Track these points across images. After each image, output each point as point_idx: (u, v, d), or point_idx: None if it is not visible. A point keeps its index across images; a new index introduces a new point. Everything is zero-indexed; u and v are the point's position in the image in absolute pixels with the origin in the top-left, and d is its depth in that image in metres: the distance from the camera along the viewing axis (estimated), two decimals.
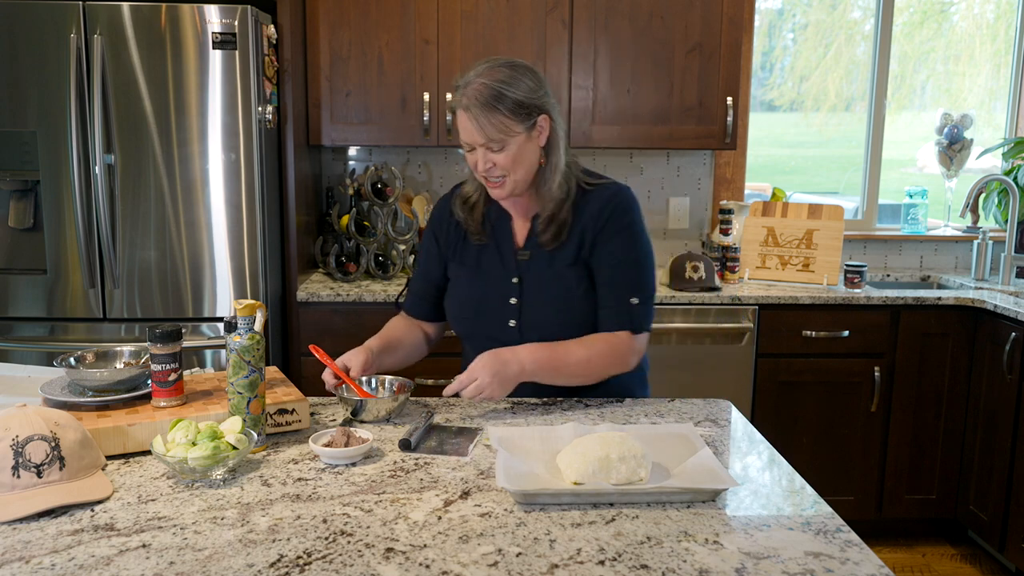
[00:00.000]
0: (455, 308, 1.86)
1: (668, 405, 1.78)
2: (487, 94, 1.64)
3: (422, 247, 1.94)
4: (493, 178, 1.71)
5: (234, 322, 1.47)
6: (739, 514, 1.27)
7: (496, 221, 1.83)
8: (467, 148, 1.71)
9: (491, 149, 1.67)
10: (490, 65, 1.68)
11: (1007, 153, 3.63)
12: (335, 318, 2.94)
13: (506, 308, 1.78)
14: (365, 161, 3.53)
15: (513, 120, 1.65)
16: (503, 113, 1.64)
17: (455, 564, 1.11)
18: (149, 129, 2.64)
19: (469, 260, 1.84)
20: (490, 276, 1.81)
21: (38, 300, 2.73)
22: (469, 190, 1.85)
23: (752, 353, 3.03)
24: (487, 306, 1.80)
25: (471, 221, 1.83)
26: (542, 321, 1.76)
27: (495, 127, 1.64)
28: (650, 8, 3.13)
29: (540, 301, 1.77)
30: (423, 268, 1.93)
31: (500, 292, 1.79)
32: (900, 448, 3.13)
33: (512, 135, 1.66)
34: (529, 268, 1.78)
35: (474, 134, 1.66)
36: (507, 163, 1.68)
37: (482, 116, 1.64)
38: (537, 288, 1.77)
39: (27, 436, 1.28)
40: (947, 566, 3.09)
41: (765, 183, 3.89)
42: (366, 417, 1.64)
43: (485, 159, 1.69)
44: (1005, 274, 3.38)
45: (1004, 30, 3.84)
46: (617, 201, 1.76)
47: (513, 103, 1.65)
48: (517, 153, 1.68)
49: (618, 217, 1.75)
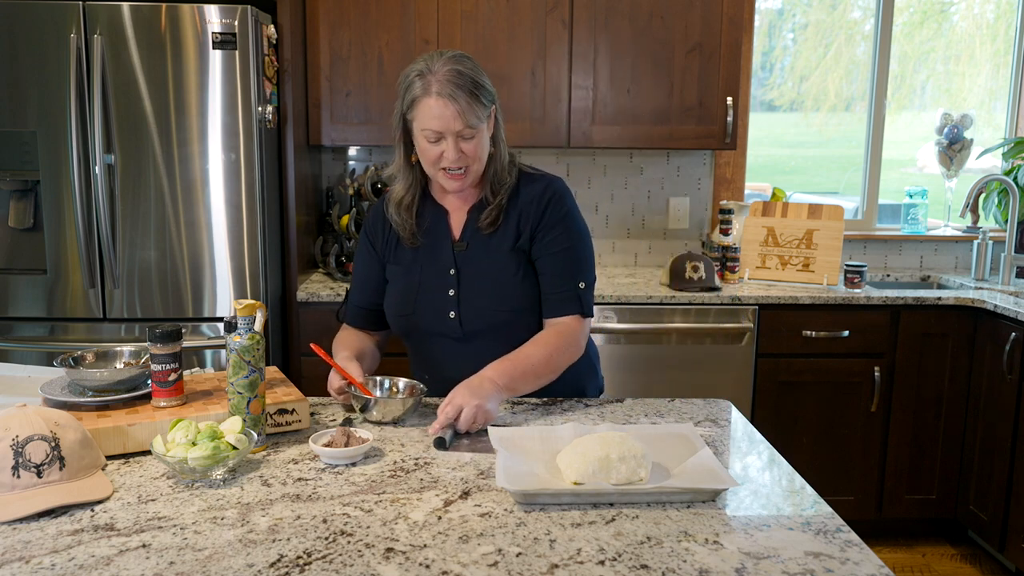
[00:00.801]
0: (394, 306, 1.83)
1: (668, 405, 1.78)
2: (467, 81, 1.65)
3: (357, 257, 1.92)
4: (455, 169, 1.70)
5: (234, 322, 1.47)
6: (739, 514, 1.27)
7: (431, 219, 1.82)
8: (432, 139, 1.67)
9: (463, 137, 1.66)
10: (451, 54, 1.69)
11: (1007, 153, 3.63)
12: (335, 318, 2.93)
13: (445, 300, 1.77)
14: (365, 161, 3.53)
15: (481, 107, 1.67)
16: (480, 100, 1.66)
17: (455, 564, 1.11)
18: (149, 129, 2.64)
19: (404, 259, 1.82)
20: (426, 271, 1.80)
21: (38, 300, 2.73)
22: (400, 190, 1.80)
23: (752, 353, 3.03)
24: (425, 300, 1.78)
25: (407, 223, 1.80)
26: (481, 308, 1.76)
27: (472, 112, 1.65)
28: (650, 8, 3.13)
29: (478, 289, 1.76)
30: (360, 278, 1.90)
31: (438, 285, 1.78)
32: (900, 448, 3.13)
33: (482, 122, 1.68)
34: (466, 258, 1.78)
35: (452, 121, 1.64)
36: (473, 151, 1.68)
37: (464, 102, 1.64)
38: (475, 276, 1.77)
39: (27, 436, 1.28)
40: (947, 566, 3.09)
41: (765, 183, 3.89)
42: (377, 417, 1.63)
43: (456, 148, 1.66)
44: (1005, 274, 3.38)
45: (1004, 30, 3.84)
46: (552, 192, 1.78)
47: (484, 91, 1.68)
48: (481, 142, 1.70)
49: (555, 207, 1.77)
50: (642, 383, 3.02)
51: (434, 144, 1.68)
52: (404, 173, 1.79)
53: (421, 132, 1.68)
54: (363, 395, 1.64)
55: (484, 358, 1.71)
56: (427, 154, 1.70)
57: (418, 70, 1.67)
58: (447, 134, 1.66)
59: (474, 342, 1.77)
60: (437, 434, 1.53)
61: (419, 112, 1.67)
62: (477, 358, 1.72)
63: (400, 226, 1.81)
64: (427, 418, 1.67)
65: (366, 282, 1.89)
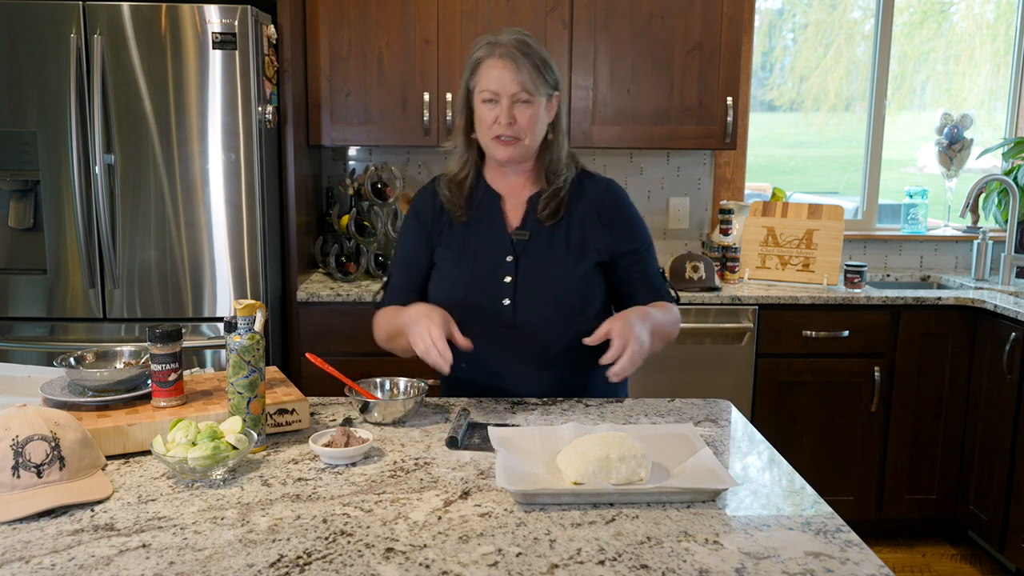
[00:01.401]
0: (444, 290, 1.81)
1: (668, 405, 1.78)
2: (530, 49, 1.70)
3: (402, 239, 1.90)
4: (507, 135, 1.71)
5: (234, 322, 1.47)
6: (739, 514, 1.27)
7: (483, 201, 1.82)
8: (488, 98, 1.70)
9: (519, 100, 1.69)
10: (520, 31, 1.75)
11: (1007, 153, 3.63)
12: (335, 318, 2.94)
13: (500, 287, 1.77)
14: (365, 161, 3.53)
15: (543, 81, 1.71)
16: (538, 68, 1.70)
17: (455, 564, 1.11)
18: (149, 129, 2.64)
19: (455, 243, 1.81)
20: (479, 256, 1.79)
21: (38, 300, 2.73)
22: (455, 167, 1.83)
23: (752, 353, 3.03)
24: (478, 285, 1.78)
25: (457, 198, 1.80)
26: (538, 299, 1.76)
27: (531, 78, 1.69)
28: (650, 8, 3.13)
29: (538, 280, 1.76)
30: (404, 259, 1.87)
31: (492, 271, 1.78)
32: (900, 448, 3.13)
33: (539, 94, 1.71)
34: (527, 248, 1.78)
35: (509, 83, 1.68)
36: (527, 122, 1.70)
37: (523, 65, 1.68)
38: (535, 268, 1.77)
39: (27, 436, 1.28)
40: (947, 566, 3.09)
41: (765, 183, 3.89)
42: (378, 419, 1.63)
43: (510, 112, 1.69)
44: (1005, 274, 3.38)
45: (1004, 30, 3.84)
46: (617, 191, 1.85)
47: (544, 63, 1.72)
48: (537, 115, 1.72)
49: (628, 205, 1.84)
50: (642, 383, 3.02)
51: (490, 106, 1.71)
52: (461, 150, 1.81)
53: (479, 95, 1.72)
54: (363, 397, 1.64)
55: (530, 347, 1.76)
56: (483, 119, 1.73)
57: (487, 39, 1.73)
58: (503, 95, 1.69)
59: (523, 331, 1.77)
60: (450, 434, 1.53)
61: (479, 75, 1.72)
62: (522, 347, 1.76)
63: (449, 200, 1.81)
64: (428, 417, 1.68)
65: (412, 263, 1.86)
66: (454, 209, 1.81)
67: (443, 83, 3.11)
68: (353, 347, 2.94)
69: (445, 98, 3.10)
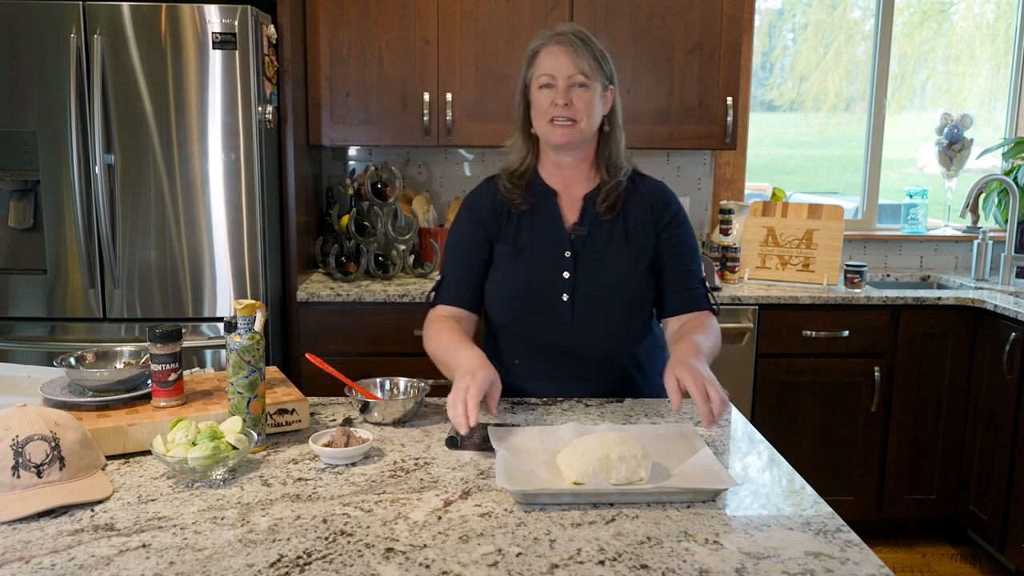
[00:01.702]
0: (505, 286, 1.80)
1: (668, 405, 1.78)
2: (588, 39, 1.74)
3: (456, 237, 1.86)
4: (562, 119, 1.72)
5: (234, 322, 1.47)
6: (739, 514, 1.27)
7: (540, 197, 1.82)
8: (545, 82, 1.72)
9: (576, 83, 1.71)
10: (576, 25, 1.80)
11: (1007, 153, 3.63)
12: (335, 318, 2.94)
13: (559, 282, 1.77)
14: (365, 161, 3.53)
15: (599, 68, 1.74)
16: (595, 54, 1.73)
17: (455, 564, 1.11)
18: (149, 129, 2.64)
19: (513, 238, 1.81)
20: (537, 251, 1.79)
21: (38, 300, 2.73)
22: (514, 162, 1.84)
23: (752, 353, 3.03)
24: (536, 280, 1.78)
25: (517, 188, 1.81)
26: (596, 295, 1.76)
27: (587, 63, 1.71)
28: (650, 8, 3.13)
29: (596, 276, 1.77)
30: (460, 252, 1.85)
31: (551, 267, 1.78)
32: (900, 448, 3.13)
33: (595, 79, 1.73)
34: (584, 243, 1.78)
35: (567, 65, 1.71)
36: (582, 106, 1.72)
37: (581, 49, 1.71)
38: (593, 263, 1.77)
39: (27, 436, 1.28)
40: (947, 566, 3.09)
41: (765, 183, 3.89)
42: (378, 419, 1.63)
43: (566, 94, 1.71)
44: (1005, 274, 3.38)
45: (1004, 30, 3.84)
46: (672, 194, 1.87)
47: (600, 53, 1.76)
48: (593, 100, 1.73)
49: (679, 208, 1.85)
50: None
51: (546, 90, 1.73)
52: (520, 144, 1.82)
53: (536, 82, 1.74)
54: (363, 397, 1.64)
55: (585, 344, 1.77)
56: (539, 104, 1.74)
57: (547, 32, 1.76)
58: (559, 78, 1.71)
59: (579, 327, 1.77)
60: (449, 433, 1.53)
61: (537, 63, 1.75)
62: (578, 344, 1.77)
63: (509, 191, 1.81)
64: (428, 418, 1.68)
65: (468, 255, 1.83)
66: (513, 199, 1.81)
67: (443, 83, 3.11)
68: (353, 347, 2.95)
69: (445, 98, 3.10)
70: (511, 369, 1.83)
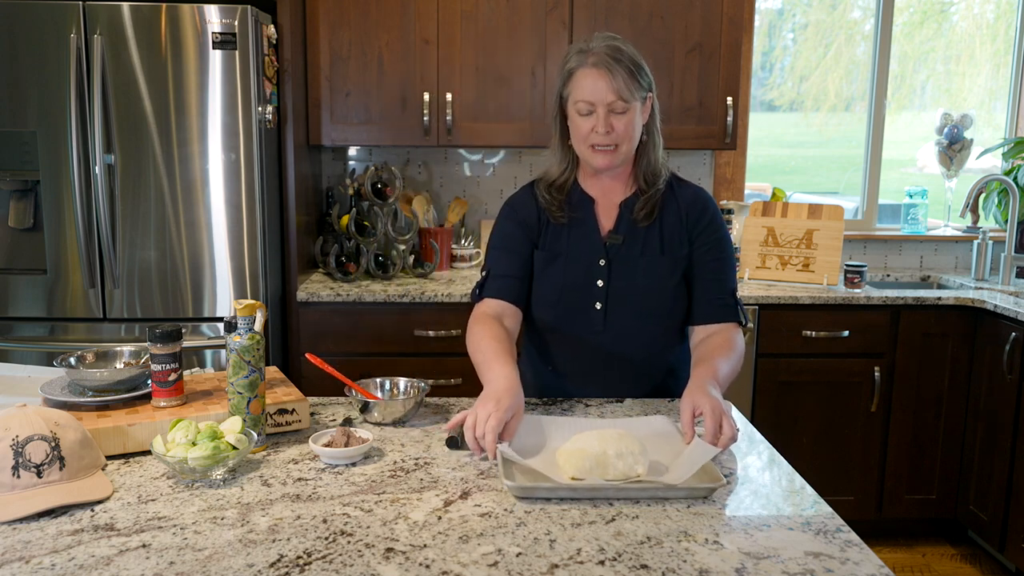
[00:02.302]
0: (543, 292, 1.80)
1: (668, 405, 1.78)
2: (618, 54, 1.67)
3: (501, 234, 1.84)
4: (603, 146, 1.69)
5: (234, 322, 1.47)
6: (739, 514, 1.27)
7: (578, 205, 1.81)
8: (584, 111, 1.68)
9: (614, 111, 1.67)
10: (613, 36, 1.72)
11: (1007, 153, 3.63)
12: (335, 318, 2.94)
13: (592, 290, 1.77)
14: (365, 161, 3.53)
15: (636, 84, 1.68)
16: (635, 75, 1.67)
17: (455, 564, 1.11)
18: (149, 129, 2.64)
19: (550, 244, 1.80)
20: (573, 258, 1.78)
21: (38, 300, 2.73)
22: (556, 172, 1.81)
23: (752, 353, 3.03)
24: (573, 287, 1.77)
25: (555, 201, 1.79)
26: (629, 304, 1.75)
27: (626, 86, 1.66)
28: (650, 8, 3.13)
29: (629, 287, 1.76)
30: (506, 251, 1.82)
31: (586, 274, 1.77)
32: (900, 448, 3.13)
33: (634, 99, 1.68)
34: (619, 252, 1.77)
35: (605, 92, 1.65)
36: (624, 129, 1.68)
37: (618, 73, 1.65)
38: (626, 272, 1.76)
39: (27, 436, 1.28)
40: (947, 566, 3.09)
41: (765, 183, 3.89)
42: (378, 419, 1.63)
43: (606, 122, 1.67)
44: (1005, 274, 3.38)
45: (1004, 30, 3.84)
46: (710, 200, 1.82)
47: (638, 67, 1.69)
48: (633, 121, 1.69)
49: (715, 215, 1.80)
50: None
51: (585, 117, 1.69)
52: (559, 155, 1.80)
53: (574, 106, 1.70)
54: (363, 397, 1.64)
55: (618, 351, 1.77)
56: (579, 129, 1.71)
57: (579, 47, 1.70)
58: (598, 105, 1.67)
59: (612, 336, 1.77)
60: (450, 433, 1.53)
61: (574, 85, 1.69)
62: (611, 351, 1.77)
63: (549, 203, 1.80)
64: (428, 418, 1.68)
65: (513, 253, 1.81)
66: (553, 211, 1.79)
67: (443, 83, 3.11)
68: (353, 347, 2.95)
69: (445, 98, 3.10)
70: (556, 369, 1.84)
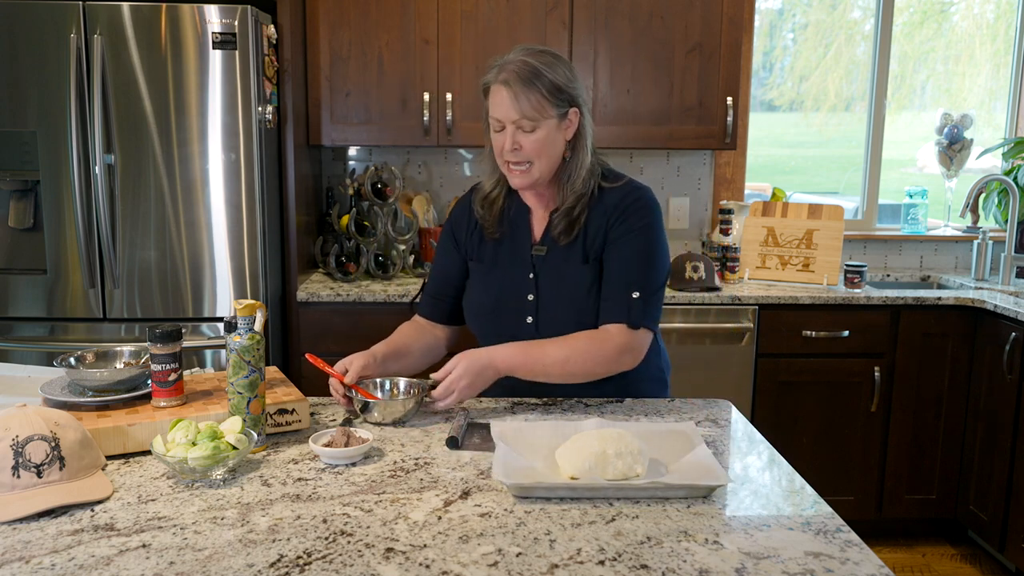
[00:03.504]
0: (474, 306, 1.83)
1: (668, 405, 1.78)
2: (528, 71, 1.64)
3: (438, 248, 1.92)
4: (516, 165, 1.69)
5: (234, 322, 1.47)
6: (739, 514, 1.27)
7: (515, 216, 1.81)
8: (496, 127, 1.69)
9: (522, 128, 1.66)
10: (531, 48, 1.70)
11: (1007, 153, 3.63)
12: (335, 318, 2.94)
13: (523, 304, 1.77)
14: (365, 161, 3.53)
15: (548, 102, 1.65)
16: (540, 92, 1.64)
17: (455, 564, 1.11)
18: (149, 129, 2.64)
19: (486, 257, 1.82)
20: (506, 272, 1.79)
21: (38, 300, 2.73)
22: (488, 186, 1.82)
23: (752, 353, 3.03)
24: (505, 302, 1.78)
25: (489, 216, 1.81)
26: (558, 318, 1.74)
27: (531, 105, 1.64)
28: (650, 8, 3.13)
29: (556, 298, 1.75)
30: (439, 269, 1.90)
31: (517, 288, 1.77)
32: (900, 448, 3.13)
33: (545, 117, 1.66)
34: (544, 263, 1.77)
35: (509, 110, 1.65)
36: (533, 148, 1.67)
37: (521, 92, 1.63)
38: (552, 284, 1.76)
39: (27, 436, 1.28)
40: (947, 566, 3.09)
41: (765, 183, 3.89)
42: (378, 419, 1.63)
43: (514, 140, 1.66)
44: (1005, 274, 3.38)
45: (1004, 30, 3.84)
46: (631, 200, 1.73)
47: (551, 84, 1.65)
48: (545, 139, 1.67)
49: (632, 215, 1.72)
50: None
51: (499, 134, 1.69)
52: (491, 167, 1.79)
53: (490, 122, 1.70)
54: (363, 397, 1.64)
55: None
56: (495, 145, 1.71)
57: (497, 61, 1.69)
58: (506, 123, 1.66)
59: None
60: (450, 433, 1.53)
61: (489, 100, 1.70)
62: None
63: (482, 217, 1.82)
64: (428, 418, 1.68)
65: (444, 273, 1.89)
66: (486, 226, 1.81)
67: (443, 83, 3.11)
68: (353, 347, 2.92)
69: (445, 98, 3.10)
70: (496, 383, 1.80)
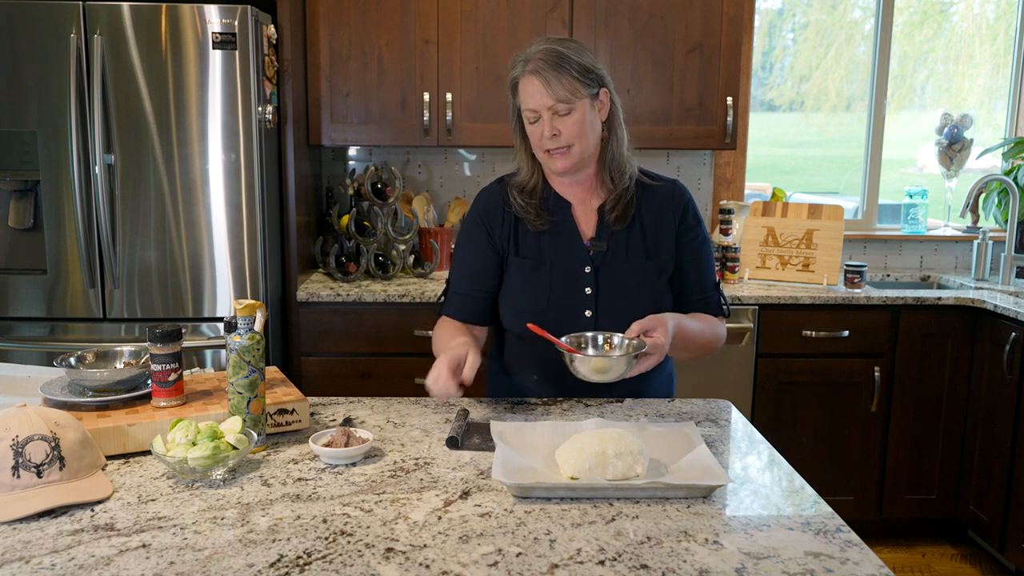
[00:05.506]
0: (525, 300, 1.77)
1: (668, 405, 1.78)
2: (555, 56, 1.66)
3: (465, 243, 1.84)
4: (557, 149, 1.69)
5: (234, 322, 1.47)
6: (739, 514, 1.27)
7: (554, 208, 1.79)
8: (532, 119, 1.69)
9: (558, 113, 1.66)
10: (551, 38, 1.72)
11: (1007, 153, 3.63)
12: (335, 318, 2.94)
13: (581, 297, 1.76)
14: (365, 161, 3.53)
15: (580, 83, 1.67)
16: (571, 74, 1.66)
17: (455, 564, 1.11)
18: (149, 129, 2.64)
19: (530, 251, 1.78)
20: (557, 265, 1.77)
21: (38, 300, 2.73)
22: (524, 177, 1.80)
23: (752, 353, 3.03)
24: (561, 296, 1.76)
25: (531, 206, 1.77)
26: (619, 310, 1.73)
27: (564, 88, 1.65)
28: (650, 8, 3.13)
29: (617, 291, 1.75)
30: (468, 267, 1.82)
31: (572, 281, 1.76)
32: (900, 448, 3.13)
33: (579, 98, 1.67)
34: (604, 258, 1.76)
35: (542, 96, 1.65)
36: (572, 131, 1.67)
37: (552, 77, 1.65)
38: (614, 278, 1.75)
39: (27, 436, 1.28)
40: (947, 566, 3.09)
41: (765, 183, 3.89)
42: (599, 378, 1.59)
43: (551, 126, 1.66)
44: (1005, 274, 3.38)
45: (1004, 30, 3.84)
46: (685, 193, 1.82)
47: (580, 66, 1.67)
48: (582, 120, 1.68)
49: (694, 211, 1.82)
50: None
51: (535, 125, 1.69)
52: (525, 163, 1.79)
53: (524, 115, 1.71)
54: (570, 353, 1.59)
55: None
56: (532, 137, 1.71)
57: (521, 56, 1.70)
58: (542, 111, 1.67)
59: None
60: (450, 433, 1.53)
61: (520, 95, 1.70)
62: None
63: (524, 208, 1.78)
64: (429, 417, 1.67)
65: (476, 270, 1.81)
66: (530, 218, 1.78)
67: (443, 83, 3.11)
68: (353, 347, 2.95)
69: (445, 98, 3.10)
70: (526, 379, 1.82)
